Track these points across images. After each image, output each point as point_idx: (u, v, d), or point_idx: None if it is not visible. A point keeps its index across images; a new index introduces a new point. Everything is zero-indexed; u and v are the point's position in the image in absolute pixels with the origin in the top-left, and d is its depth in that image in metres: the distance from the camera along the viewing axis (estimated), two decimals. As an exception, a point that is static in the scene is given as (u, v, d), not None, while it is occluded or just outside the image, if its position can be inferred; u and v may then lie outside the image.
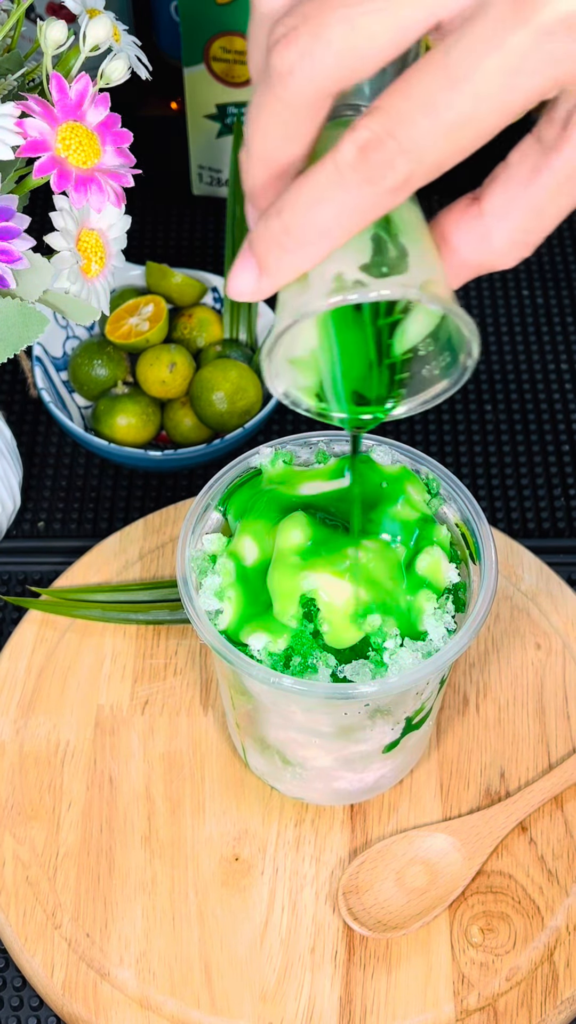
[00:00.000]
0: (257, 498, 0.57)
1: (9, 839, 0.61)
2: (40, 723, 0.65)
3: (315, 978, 0.57)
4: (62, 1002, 0.57)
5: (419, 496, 0.57)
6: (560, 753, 0.64)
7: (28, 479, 0.79)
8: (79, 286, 0.55)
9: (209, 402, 0.76)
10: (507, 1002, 0.56)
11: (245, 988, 0.57)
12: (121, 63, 0.55)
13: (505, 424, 0.82)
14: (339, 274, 0.38)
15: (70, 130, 0.52)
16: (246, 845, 0.61)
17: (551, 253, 0.93)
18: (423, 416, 0.82)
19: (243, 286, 0.40)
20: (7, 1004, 0.59)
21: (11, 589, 0.74)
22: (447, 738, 0.65)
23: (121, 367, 0.79)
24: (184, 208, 0.95)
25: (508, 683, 0.67)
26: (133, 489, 0.79)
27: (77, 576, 0.71)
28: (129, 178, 0.55)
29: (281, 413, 0.83)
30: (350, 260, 0.38)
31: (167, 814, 0.62)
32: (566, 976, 0.57)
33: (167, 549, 0.72)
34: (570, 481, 0.79)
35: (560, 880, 0.60)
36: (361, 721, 0.55)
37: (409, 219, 0.40)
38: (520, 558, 0.71)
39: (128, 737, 0.65)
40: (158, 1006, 0.56)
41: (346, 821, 0.62)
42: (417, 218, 0.40)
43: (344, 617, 0.53)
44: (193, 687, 0.67)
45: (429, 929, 0.58)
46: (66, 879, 0.60)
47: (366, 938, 0.58)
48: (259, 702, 0.56)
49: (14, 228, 0.52)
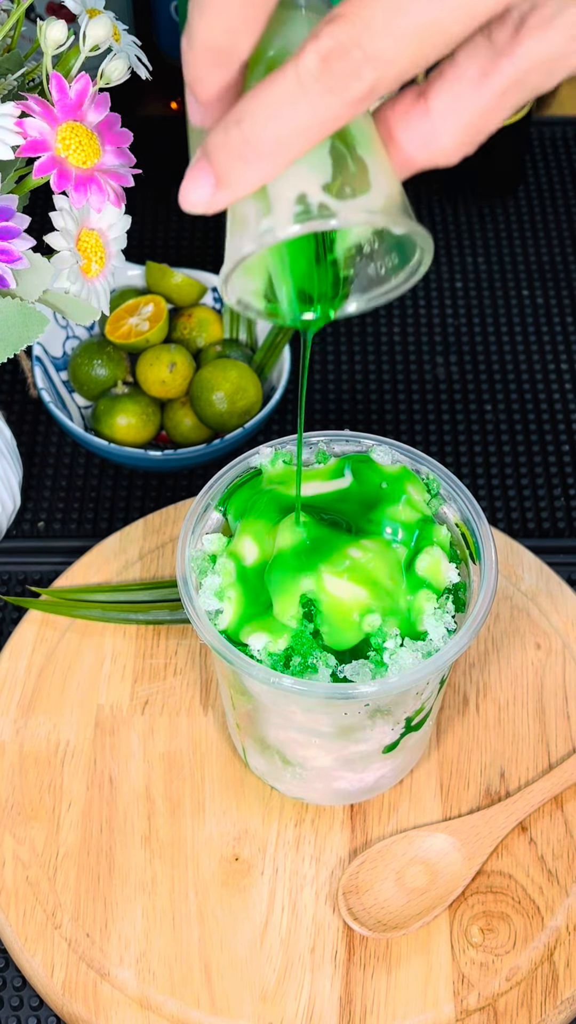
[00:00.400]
0: (257, 498, 0.57)
1: (9, 839, 0.61)
2: (40, 723, 0.65)
3: (315, 978, 0.57)
4: (62, 1002, 0.57)
5: (419, 496, 0.57)
6: (560, 753, 0.64)
7: (28, 479, 0.79)
8: (79, 286, 0.55)
9: (209, 402, 0.76)
10: (507, 1002, 0.56)
11: (245, 988, 0.57)
12: (121, 63, 0.55)
13: (505, 424, 0.82)
14: (302, 195, 0.37)
15: (70, 130, 0.52)
16: (246, 845, 0.61)
17: (551, 253, 0.93)
18: (423, 416, 0.82)
19: (197, 197, 0.38)
20: (7, 1004, 0.59)
21: (11, 589, 0.74)
22: (447, 738, 0.65)
23: (121, 367, 0.79)
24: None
25: (508, 683, 0.67)
26: (133, 489, 0.79)
27: (77, 576, 0.71)
28: (129, 178, 0.55)
29: (281, 413, 0.83)
30: (310, 177, 0.38)
31: (167, 814, 0.62)
32: (566, 976, 0.57)
33: (167, 549, 0.72)
34: (570, 481, 0.79)
35: (560, 880, 0.60)
36: (361, 721, 0.55)
37: (364, 127, 0.39)
38: (520, 558, 0.71)
39: (128, 737, 0.65)
40: (158, 1006, 0.56)
41: (346, 821, 0.62)
42: (370, 126, 0.40)
43: (344, 617, 0.53)
44: (193, 687, 0.67)
45: (429, 929, 0.58)
46: (66, 879, 0.60)
47: (366, 938, 0.58)
48: (259, 702, 0.56)
49: (14, 228, 0.52)
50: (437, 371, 0.85)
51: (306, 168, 0.38)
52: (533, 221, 0.94)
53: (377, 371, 0.85)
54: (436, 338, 0.87)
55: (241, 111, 0.36)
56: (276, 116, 0.36)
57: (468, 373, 0.85)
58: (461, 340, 0.87)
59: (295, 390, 0.84)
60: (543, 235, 0.94)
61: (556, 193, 0.96)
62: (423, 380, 0.85)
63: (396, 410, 0.83)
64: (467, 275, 0.91)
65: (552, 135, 1.00)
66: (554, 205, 0.96)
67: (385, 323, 0.88)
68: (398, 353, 0.86)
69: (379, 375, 0.85)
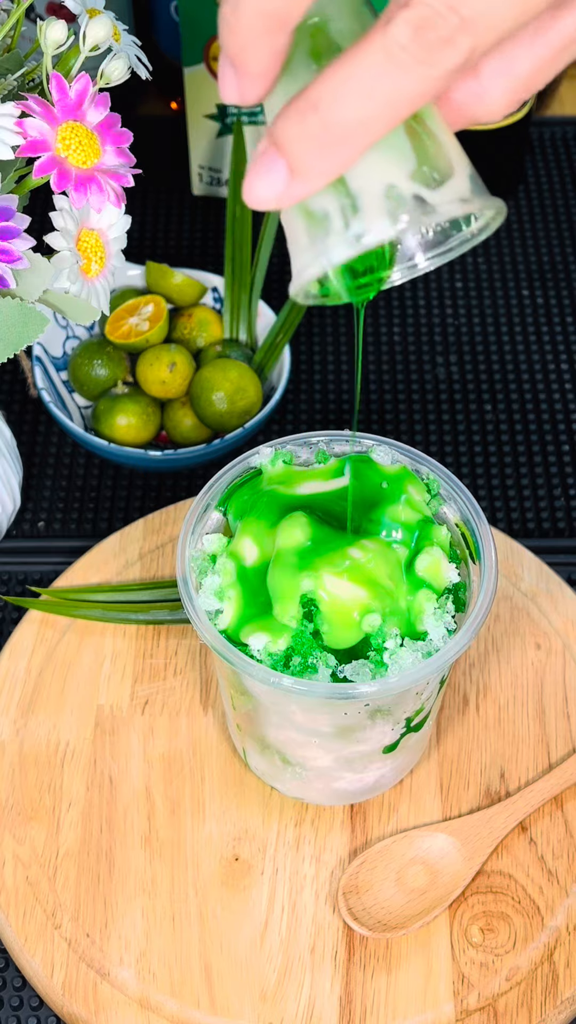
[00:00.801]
0: (257, 498, 0.57)
1: (9, 839, 0.61)
2: (40, 723, 0.65)
3: (315, 978, 0.57)
4: (62, 1002, 0.57)
5: (419, 496, 0.57)
6: (560, 753, 0.64)
7: (28, 479, 0.79)
8: (79, 286, 0.55)
9: (209, 402, 0.76)
10: (507, 1002, 0.56)
11: (245, 988, 0.57)
12: (121, 63, 0.55)
13: (505, 424, 0.82)
14: (392, 186, 0.34)
15: (70, 130, 0.52)
16: (246, 845, 0.61)
17: (551, 253, 0.93)
18: (423, 416, 0.82)
19: (267, 192, 0.34)
20: (7, 1004, 0.59)
21: (11, 589, 0.74)
22: (447, 738, 0.65)
23: (121, 367, 0.79)
24: (184, 208, 0.95)
25: (508, 683, 0.67)
26: (133, 489, 0.79)
27: (77, 576, 0.71)
28: (129, 178, 0.55)
29: (281, 413, 0.83)
30: (394, 163, 0.34)
31: (167, 814, 0.62)
32: (566, 976, 0.57)
33: (167, 549, 0.72)
34: (570, 481, 0.79)
35: (560, 880, 0.60)
36: (361, 721, 0.55)
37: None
38: (520, 558, 0.71)
39: (128, 737, 0.65)
40: (158, 1006, 0.56)
41: (346, 821, 0.62)
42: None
43: (344, 617, 0.53)
44: (193, 687, 0.67)
45: (429, 929, 0.58)
46: (66, 879, 0.60)
47: (366, 938, 0.58)
48: (259, 702, 0.56)
49: (14, 228, 0.52)
50: (437, 371, 0.85)
51: (385, 151, 0.35)
52: (533, 221, 0.94)
53: (377, 371, 0.85)
54: (436, 338, 0.87)
55: (319, 93, 0.33)
56: (362, 95, 0.32)
57: (468, 373, 0.85)
58: (461, 340, 0.87)
59: (295, 390, 0.84)
60: (543, 235, 0.94)
61: (556, 193, 0.96)
62: (423, 380, 0.85)
63: (396, 410, 0.83)
64: (467, 275, 0.91)
65: (552, 135, 1.00)
66: (554, 205, 0.96)
67: (385, 323, 0.88)
68: (398, 353, 0.86)
69: (379, 375, 0.85)
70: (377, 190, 0.34)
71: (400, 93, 0.32)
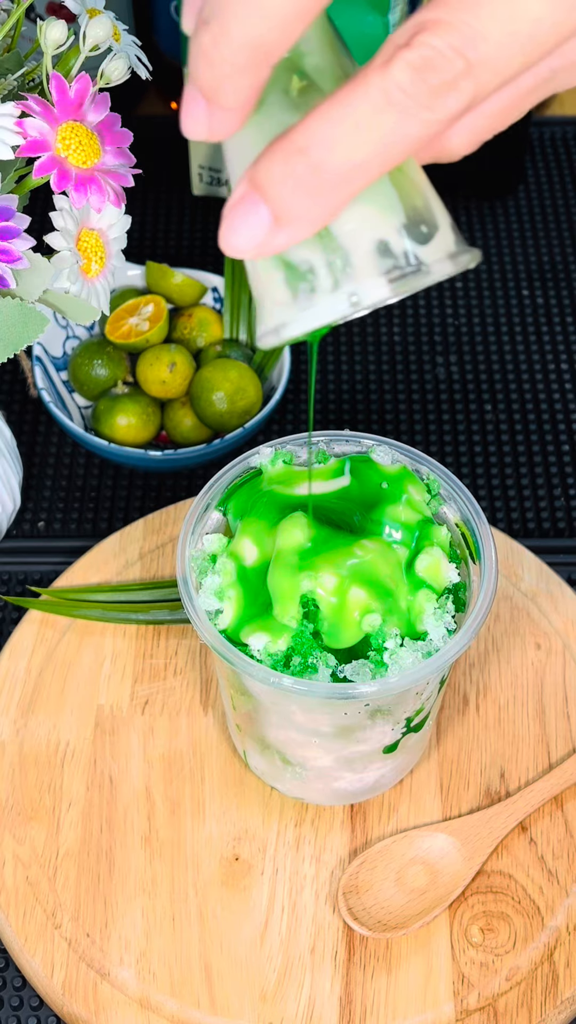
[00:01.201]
0: (257, 498, 0.57)
1: (9, 839, 0.61)
2: (40, 723, 0.65)
3: (315, 978, 0.57)
4: (62, 1002, 0.57)
5: (419, 496, 0.57)
6: (560, 753, 0.64)
7: (28, 479, 0.79)
8: (79, 286, 0.55)
9: (209, 402, 0.76)
10: (507, 1002, 0.56)
11: (245, 988, 0.57)
12: (121, 63, 0.55)
13: (505, 424, 0.82)
14: (383, 242, 0.32)
15: (70, 130, 0.52)
16: (246, 845, 0.61)
17: (551, 253, 0.93)
18: (423, 416, 0.82)
19: (246, 241, 0.32)
20: (7, 1004, 0.59)
21: (11, 589, 0.74)
22: (447, 738, 0.65)
23: (121, 367, 0.79)
24: (184, 208, 0.95)
25: (508, 683, 0.67)
26: (133, 489, 0.79)
27: (77, 576, 0.71)
28: (129, 178, 0.55)
29: (281, 413, 0.83)
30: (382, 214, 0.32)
31: (167, 814, 0.62)
32: (566, 976, 0.57)
33: (167, 549, 0.72)
34: (570, 481, 0.79)
35: (560, 880, 0.60)
36: (361, 721, 0.55)
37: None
38: (520, 558, 0.71)
39: (128, 737, 0.65)
40: (158, 1006, 0.56)
41: (346, 821, 0.62)
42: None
43: (344, 617, 0.53)
44: (193, 687, 0.67)
45: (429, 929, 0.58)
46: (66, 879, 0.60)
47: (366, 938, 0.58)
48: (259, 702, 0.56)
49: (14, 228, 0.52)
50: (437, 371, 0.85)
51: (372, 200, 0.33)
52: (533, 221, 0.94)
53: (377, 371, 0.85)
54: (436, 338, 0.87)
55: (308, 133, 0.31)
56: (357, 138, 0.30)
57: (468, 373, 0.85)
58: (461, 340, 0.87)
59: (295, 390, 0.84)
60: (543, 235, 0.94)
61: (556, 193, 0.96)
62: (423, 380, 0.85)
63: (396, 410, 0.83)
64: (467, 275, 0.91)
65: (552, 135, 1.00)
66: (554, 205, 0.96)
67: (385, 323, 0.88)
68: (398, 353, 0.86)
69: (379, 375, 0.85)
70: (368, 246, 0.32)
71: (396, 137, 0.31)
